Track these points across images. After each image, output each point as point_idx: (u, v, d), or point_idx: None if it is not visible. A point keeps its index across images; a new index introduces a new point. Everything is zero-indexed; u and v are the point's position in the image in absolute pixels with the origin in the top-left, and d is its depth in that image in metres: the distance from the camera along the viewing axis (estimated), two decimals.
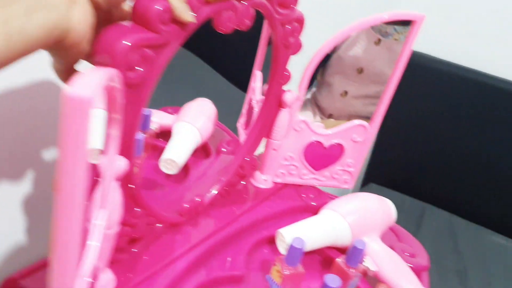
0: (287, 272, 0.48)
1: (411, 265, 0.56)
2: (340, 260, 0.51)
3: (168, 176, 0.61)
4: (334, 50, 0.83)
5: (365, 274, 0.53)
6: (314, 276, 0.54)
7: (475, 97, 1.37)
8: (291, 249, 0.47)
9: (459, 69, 1.38)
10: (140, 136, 0.56)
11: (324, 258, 0.56)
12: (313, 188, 0.64)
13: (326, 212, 0.56)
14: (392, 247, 0.58)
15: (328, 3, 0.95)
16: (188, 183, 0.59)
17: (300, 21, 0.51)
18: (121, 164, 0.36)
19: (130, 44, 0.33)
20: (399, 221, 1.33)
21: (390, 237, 0.61)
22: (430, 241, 1.29)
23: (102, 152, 0.34)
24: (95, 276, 0.40)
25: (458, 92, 1.39)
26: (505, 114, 1.36)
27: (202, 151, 0.66)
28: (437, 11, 1.38)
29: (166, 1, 0.34)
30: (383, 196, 1.41)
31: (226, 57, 1.03)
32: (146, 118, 0.63)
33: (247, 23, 0.43)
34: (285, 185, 0.64)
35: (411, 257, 0.58)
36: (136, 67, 0.35)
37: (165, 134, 0.65)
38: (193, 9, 0.36)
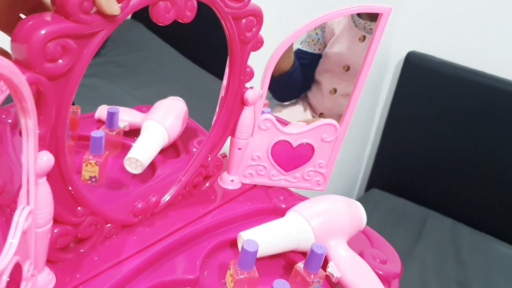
0: (239, 277, 0.46)
1: (381, 272, 0.53)
2: (299, 265, 0.49)
3: (133, 175, 0.60)
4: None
5: (327, 280, 0.51)
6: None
7: (479, 99, 1.33)
8: (243, 252, 0.46)
9: (463, 71, 1.34)
10: (99, 133, 0.55)
11: (288, 263, 0.54)
12: (284, 189, 0.62)
13: (290, 215, 0.54)
14: (362, 253, 0.55)
15: None
16: (152, 183, 0.58)
17: (257, 15, 0.49)
18: (44, 159, 0.35)
19: (46, 34, 0.32)
20: (400, 227, 1.30)
21: (362, 242, 0.58)
22: (432, 248, 1.25)
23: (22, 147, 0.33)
24: (32, 275, 0.39)
25: (461, 95, 1.35)
26: (510, 116, 1.31)
27: (172, 150, 0.65)
28: (439, 10, 1.35)
29: None
30: (385, 201, 1.38)
31: (217, 57, 1.02)
32: (113, 116, 0.62)
33: (188, 15, 0.41)
34: (254, 187, 0.62)
35: (382, 264, 0.55)
36: (57, 59, 0.33)
37: (135, 132, 0.64)
38: None
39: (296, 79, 0.68)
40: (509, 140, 1.31)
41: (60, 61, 0.34)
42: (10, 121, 0.56)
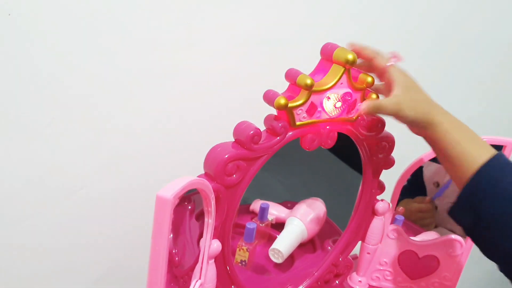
0: None
1: None
2: None
3: (275, 264, 0.70)
4: None
5: None
6: None
7: None
8: None
9: None
10: (252, 225, 0.68)
11: None
12: None
13: None
14: None
15: None
16: (290, 273, 0.68)
17: (389, 141, 0.59)
18: (215, 246, 0.48)
19: (229, 157, 0.46)
20: None
21: None
22: None
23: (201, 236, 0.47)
24: None
25: None
26: None
27: (310, 246, 0.74)
28: None
29: (257, 128, 0.47)
30: None
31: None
32: (264, 211, 0.75)
33: (329, 143, 0.53)
34: None
35: None
36: (232, 174, 0.47)
37: (280, 226, 0.75)
38: (280, 133, 0.48)
39: None
40: None
41: (234, 175, 0.47)
42: (190, 207, 0.72)
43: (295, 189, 0.96)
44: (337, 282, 0.66)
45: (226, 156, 0.46)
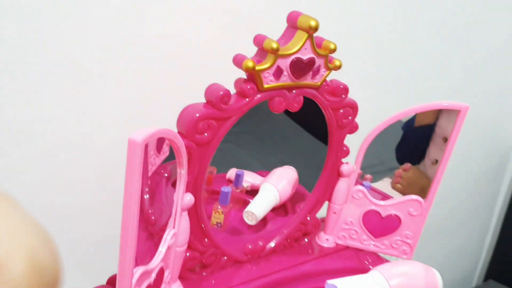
0: None
1: None
2: None
3: (249, 226, 0.74)
4: None
5: None
6: None
7: None
8: None
9: None
10: (227, 189, 0.71)
11: None
12: (373, 254, 0.71)
13: (372, 272, 0.63)
14: None
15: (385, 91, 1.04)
16: (263, 233, 0.72)
17: (353, 106, 0.63)
18: (188, 198, 0.52)
19: (199, 116, 0.50)
20: None
21: None
22: None
23: (175, 188, 0.51)
24: (168, 282, 0.55)
25: None
26: None
27: (282, 210, 0.79)
28: None
29: (227, 89, 0.51)
30: None
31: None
32: (239, 177, 0.79)
33: (296, 106, 0.57)
34: (347, 247, 0.72)
35: None
36: (203, 132, 0.51)
37: (255, 192, 0.80)
38: (248, 94, 0.52)
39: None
40: None
41: (205, 134, 0.51)
42: (166, 175, 0.76)
43: (270, 163, 1.01)
44: (306, 240, 0.71)
45: (197, 115, 0.50)
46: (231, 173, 0.84)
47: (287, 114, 1.15)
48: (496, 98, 1.32)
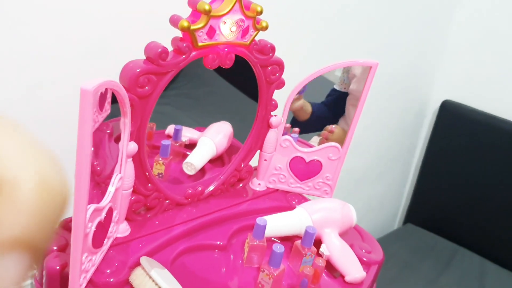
0: (252, 243, 0.66)
1: (365, 259, 0.70)
2: (297, 242, 0.68)
3: (189, 176, 0.81)
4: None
5: (318, 255, 0.68)
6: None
7: (509, 145, 1.44)
8: (256, 225, 0.65)
9: (494, 119, 1.46)
10: (167, 142, 0.78)
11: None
12: (299, 195, 0.81)
13: (297, 209, 0.73)
14: (353, 244, 0.72)
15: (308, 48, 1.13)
16: (201, 181, 0.80)
17: (279, 64, 0.71)
18: (132, 146, 0.58)
19: (140, 71, 0.56)
20: (429, 259, 1.42)
21: (355, 237, 0.75)
22: (456, 280, 1.35)
23: (120, 137, 0.56)
24: (117, 221, 0.61)
25: (492, 141, 1.47)
26: None
27: (219, 162, 0.86)
28: (473, 63, 1.49)
29: (165, 47, 0.56)
30: (418, 235, 1.52)
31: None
32: (178, 132, 0.85)
33: (228, 63, 0.63)
34: (277, 191, 0.81)
35: (367, 253, 0.72)
36: (144, 86, 0.57)
37: (194, 146, 0.86)
38: (184, 51, 0.58)
39: (316, 120, 0.86)
40: None
41: (146, 88, 0.57)
42: (108, 131, 0.81)
43: (207, 123, 1.08)
44: (240, 185, 0.79)
45: (138, 70, 0.56)
46: (170, 129, 0.90)
47: (222, 76, 1.21)
48: (413, 58, 1.45)
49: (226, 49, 0.63)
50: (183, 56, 0.59)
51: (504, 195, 1.45)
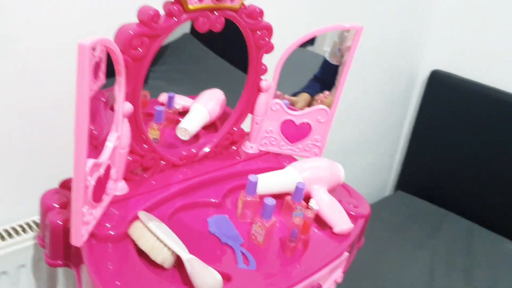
0: (246, 199, 0.69)
1: (352, 213, 0.74)
2: (288, 197, 0.71)
3: (183, 141, 0.84)
4: None
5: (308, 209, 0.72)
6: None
7: (496, 113, 1.47)
8: (249, 181, 0.68)
9: (481, 88, 1.49)
10: (161, 108, 0.80)
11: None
12: (290, 156, 0.84)
13: (288, 167, 0.76)
14: (341, 200, 0.76)
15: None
16: (196, 145, 0.82)
17: (268, 28, 0.73)
18: (127, 106, 0.60)
19: (134, 33, 0.58)
20: (419, 223, 1.47)
21: (343, 194, 0.79)
22: (445, 242, 1.39)
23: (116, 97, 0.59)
24: (115, 179, 0.64)
25: (480, 109, 1.50)
26: None
27: (213, 128, 0.89)
28: (462, 32, 1.52)
29: (156, 10, 0.59)
30: (409, 201, 1.57)
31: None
32: (171, 99, 0.87)
33: (218, 27, 0.66)
34: (268, 153, 0.84)
35: (354, 208, 0.75)
36: (137, 48, 0.59)
37: (186, 113, 0.89)
38: (175, 14, 0.60)
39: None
40: None
41: (139, 49, 0.59)
42: (104, 100, 0.83)
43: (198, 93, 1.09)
44: (234, 148, 0.82)
45: (131, 32, 0.58)
46: (163, 96, 0.92)
47: (212, 49, 1.22)
48: (402, 28, 1.47)
49: (216, 13, 0.65)
50: (175, 19, 0.61)
51: (490, 162, 1.49)
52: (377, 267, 1.27)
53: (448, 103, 1.57)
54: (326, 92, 0.85)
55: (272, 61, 0.78)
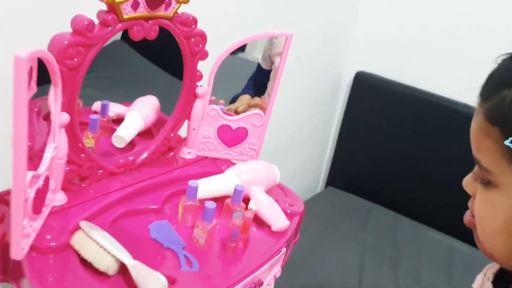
0: (186, 204, 0.71)
1: (288, 211, 0.78)
2: (228, 200, 0.74)
3: (119, 149, 0.84)
4: None
5: (247, 210, 0.75)
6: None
7: (418, 112, 1.60)
8: (189, 187, 0.70)
9: (402, 88, 1.61)
10: (95, 116, 0.80)
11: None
12: (228, 160, 0.87)
13: (227, 172, 0.79)
14: (278, 200, 0.79)
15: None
16: (132, 153, 0.83)
17: (202, 36, 0.75)
18: (64, 116, 0.60)
19: (68, 43, 0.58)
20: (349, 217, 1.54)
21: (279, 194, 0.83)
22: (373, 233, 1.49)
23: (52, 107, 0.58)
24: (54, 190, 0.63)
25: (403, 108, 1.62)
26: (442, 126, 1.57)
27: (148, 135, 0.89)
28: (384, 35, 1.63)
29: (91, 19, 0.59)
30: (339, 196, 1.64)
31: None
32: (105, 107, 0.87)
33: (153, 35, 0.67)
34: (206, 158, 0.86)
35: (290, 206, 0.79)
36: (73, 58, 0.59)
37: (121, 121, 0.89)
38: (110, 24, 0.61)
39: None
40: (443, 148, 1.57)
41: (75, 59, 0.59)
42: (36, 109, 0.80)
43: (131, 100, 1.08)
44: (171, 154, 0.83)
45: (66, 42, 0.58)
46: (97, 105, 0.91)
47: (143, 55, 1.22)
48: (327, 32, 1.55)
49: (150, 21, 0.66)
50: (109, 28, 0.61)
51: (411, 156, 1.61)
52: (311, 260, 1.33)
53: (372, 102, 1.67)
54: (263, 96, 0.89)
55: (207, 68, 0.80)
